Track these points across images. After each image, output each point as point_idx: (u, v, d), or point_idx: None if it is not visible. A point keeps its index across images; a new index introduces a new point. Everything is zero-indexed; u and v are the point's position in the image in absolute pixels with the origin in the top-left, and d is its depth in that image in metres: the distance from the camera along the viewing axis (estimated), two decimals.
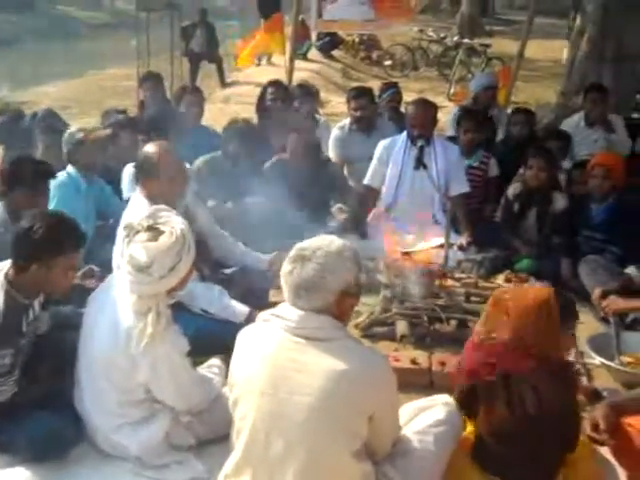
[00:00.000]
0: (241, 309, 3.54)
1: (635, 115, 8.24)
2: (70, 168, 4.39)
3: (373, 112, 5.89)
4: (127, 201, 3.90)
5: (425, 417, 2.52)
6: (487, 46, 14.10)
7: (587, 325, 3.99)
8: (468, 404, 2.52)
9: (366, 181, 5.20)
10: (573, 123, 6.35)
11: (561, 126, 6.47)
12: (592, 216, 4.67)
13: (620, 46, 7.81)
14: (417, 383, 3.28)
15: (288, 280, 2.26)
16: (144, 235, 2.59)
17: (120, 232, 2.72)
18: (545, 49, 17.30)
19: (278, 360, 2.24)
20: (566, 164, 5.86)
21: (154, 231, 2.60)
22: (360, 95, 5.82)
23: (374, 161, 5.14)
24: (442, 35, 15.02)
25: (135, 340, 2.54)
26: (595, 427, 2.49)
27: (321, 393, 2.17)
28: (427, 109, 4.99)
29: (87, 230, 4.24)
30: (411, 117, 4.96)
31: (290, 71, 6.95)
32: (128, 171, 4.65)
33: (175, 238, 2.58)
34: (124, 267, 2.59)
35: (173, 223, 2.65)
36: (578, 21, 8.45)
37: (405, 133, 5.03)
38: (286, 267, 2.27)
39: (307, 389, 2.18)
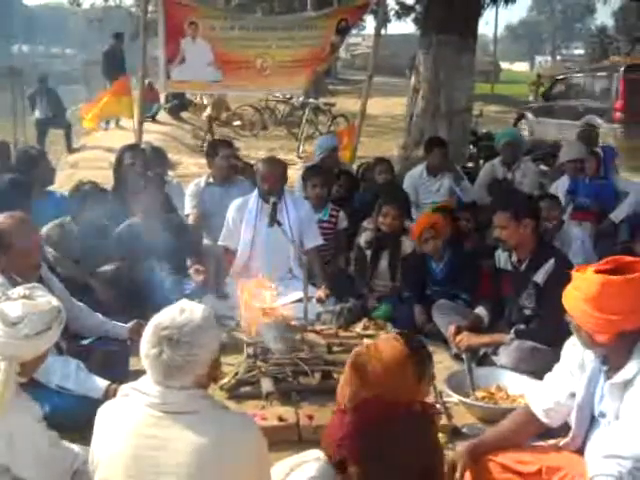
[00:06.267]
0: (99, 384, 3.37)
1: (469, 164, 8.91)
2: None
3: (235, 162, 6.27)
4: None
5: (297, 475, 2.49)
6: (332, 105, 14.72)
7: (443, 364, 4.19)
8: (338, 461, 2.55)
9: (221, 242, 5.21)
10: (417, 174, 6.74)
11: (405, 177, 6.85)
12: (435, 273, 4.92)
13: (451, 102, 8.45)
14: (286, 439, 3.26)
15: (156, 363, 2.15)
16: (21, 293, 2.51)
17: None
18: (385, 106, 18.37)
19: (141, 438, 2.13)
20: None
21: (31, 298, 2.53)
22: (223, 144, 6.23)
23: (227, 222, 5.17)
24: (288, 96, 15.48)
25: None
26: (453, 469, 2.60)
27: (188, 470, 2.08)
28: (277, 166, 5.12)
29: None
30: (262, 174, 5.05)
31: (139, 134, 6.87)
32: None
33: (52, 305, 2.53)
34: None
35: (50, 298, 2.59)
36: (413, 80, 9.00)
37: (256, 192, 5.12)
38: (150, 350, 2.15)
39: (173, 467, 2.09)
